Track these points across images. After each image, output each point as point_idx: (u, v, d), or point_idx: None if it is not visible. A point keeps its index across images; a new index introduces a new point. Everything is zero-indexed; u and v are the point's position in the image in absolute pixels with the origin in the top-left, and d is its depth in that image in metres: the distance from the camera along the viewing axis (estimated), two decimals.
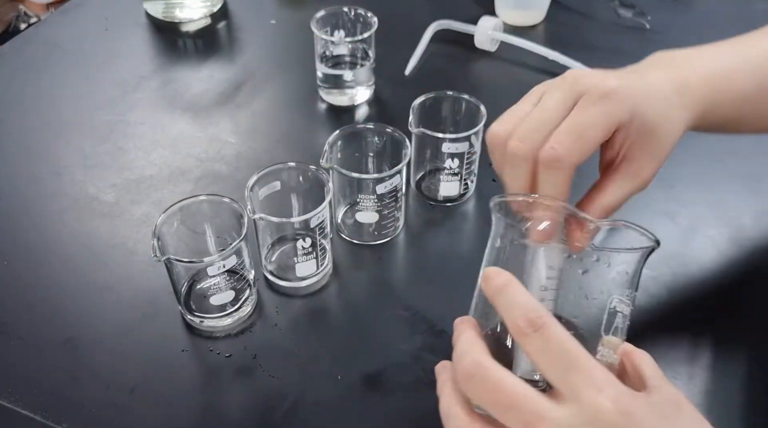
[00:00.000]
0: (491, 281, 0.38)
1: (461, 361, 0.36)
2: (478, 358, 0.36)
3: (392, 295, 0.60)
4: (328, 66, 0.77)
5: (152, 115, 0.78)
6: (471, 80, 0.84)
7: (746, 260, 0.63)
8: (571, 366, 0.33)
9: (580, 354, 0.34)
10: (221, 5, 0.94)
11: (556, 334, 0.34)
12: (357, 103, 0.79)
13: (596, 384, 0.33)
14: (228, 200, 0.57)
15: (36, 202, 0.68)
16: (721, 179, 0.70)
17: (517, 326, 0.35)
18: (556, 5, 0.93)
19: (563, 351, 0.34)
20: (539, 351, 0.34)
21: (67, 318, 0.58)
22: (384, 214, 0.62)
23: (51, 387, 0.54)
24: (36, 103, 0.80)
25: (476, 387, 0.35)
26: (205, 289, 0.56)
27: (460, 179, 0.66)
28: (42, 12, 2.04)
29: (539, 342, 0.34)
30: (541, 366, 0.34)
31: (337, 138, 0.62)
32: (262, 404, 0.53)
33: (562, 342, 0.34)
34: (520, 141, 0.44)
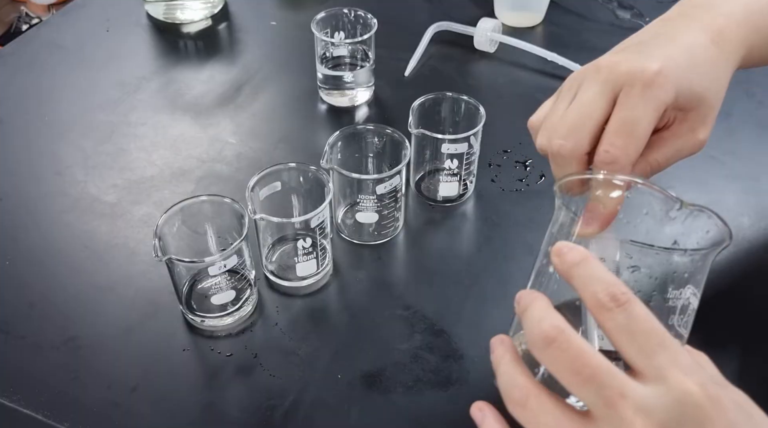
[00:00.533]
0: (565, 255, 0.35)
1: (540, 325, 0.33)
2: (559, 323, 0.33)
3: (392, 295, 0.60)
4: (328, 67, 0.78)
5: (153, 115, 0.78)
6: (470, 81, 0.84)
7: (745, 260, 0.63)
8: (658, 345, 0.31)
9: (666, 335, 0.32)
10: (222, 7, 0.94)
11: (643, 311, 0.32)
12: (357, 104, 0.79)
13: (683, 367, 0.31)
14: (229, 200, 0.57)
15: (37, 202, 0.69)
16: (720, 179, 0.70)
17: (598, 300, 0.33)
18: (555, 7, 0.93)
19: (649, 330, 0.32)
20: (622, 328, 0.32)
21: (68, 318, 0.59)
22: (384, 214, 0.63)
23: (52, 386, 0.54)
24: (37, 104, 0.80)
25: (555, 354, 0.32)
26: (206, 289, 0.57)
27: (459, 179, 0.66)
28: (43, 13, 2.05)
29: (623, 317, 0.32)
30: (623, 343, 0.32)
31: (337, 139, 0.62)
32: (263, 403, 0.53)
33: (648, 321, 0.32)
34: (563, 139, 0.43)
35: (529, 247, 0.64)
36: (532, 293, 0.37)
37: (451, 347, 0.56)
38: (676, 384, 0.30)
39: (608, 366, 0.31)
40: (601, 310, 0.33)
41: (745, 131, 0.76)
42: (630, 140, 0.41)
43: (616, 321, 0.32)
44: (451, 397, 0.53)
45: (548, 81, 0.82)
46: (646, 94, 0.41)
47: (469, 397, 0.53)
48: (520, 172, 0.71)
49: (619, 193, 0.40)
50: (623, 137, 0.41)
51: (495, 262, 0.63)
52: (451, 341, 0.57)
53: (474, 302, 0.60)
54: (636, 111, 0.41)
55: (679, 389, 0.30)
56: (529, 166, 0.72)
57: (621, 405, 0.30)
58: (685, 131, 0.45)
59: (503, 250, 0.64)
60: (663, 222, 0.39)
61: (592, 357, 0.32)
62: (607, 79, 0.43)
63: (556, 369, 0.33)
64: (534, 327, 0.34)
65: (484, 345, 0.56)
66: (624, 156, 0.41)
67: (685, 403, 0.30)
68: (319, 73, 0.78)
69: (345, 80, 0.77)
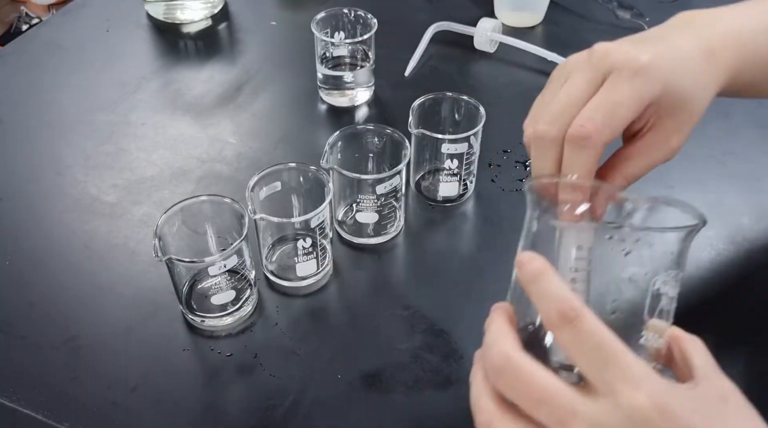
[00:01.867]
0: (524, 267, 0.35)
1: (489, 352, 0.35)
2: (507, 350, 0.34)
3: (392, 295, 0.60)
4: (329, 67, 0.78)
5: (153, 116, 0.78)
6: (470, 81, 0.84)
7: (745, 260, 0.63)
8: (606, 360, 0.31)
9: (615, 348, 0.32)
10: (222, 7, 0.94)
11: (590, 326, 0.32)
12: (357, 104, 0.79)
13: (632, 379, 0.31)
14: (229, 200, 0.57)
15: (37, 202, 0.69)
16: (720, 180, 0.70)
17: (549, 317, 0.33)
18: (555, 7, 0.93)
19: (597, 345, 0.32)
20: (572, 344, 0.33)
21: (68, 318, 0.59)
22: (384, 214, 0.63)
23: (52, 386, 0.54)
24: (37, 104, 0.80)
25: (505, 381, 0.34)
26: (206, 289, 0.57)
27: (459, 179, 0.66)
28: (43, 13, 2.05)
29: (572, 334, 0.32)
30: (575, 359, 0.33)
31: (337, 139, 0.63)
32: (263, 403, 0.53)
33: (596, 335, 0.32)
34: (548, 124, 0.43)
35: None
36: (494, 312, 0.38)
37: (451, 347, 0.56)
38: (624, 399, 0.31)
39: (557, 387, 0.32)
40: (553, 327, 0.33)
41: (745, 131, 0.76)
42: (607, 119, 0.41)
43: (566, 338, 0.33)
44: (451, 397, 0.53)
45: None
46: (633, 81, 0.41)
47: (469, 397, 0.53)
48: (520, 172, 0.71)
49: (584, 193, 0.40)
50: (601, 114, 0.41)
51: (495, 262, 0.63)
52: (451, 341, 0.57)
53: (474, 302, 0.60)
54: (619, 95, 0.41)
55: (627, 404, 0.31)
56: (529, 166, 0.72)
57: (572, 424, 0.31)
58: (659, 140, 0.45)
59: (503, 250, 0.64)
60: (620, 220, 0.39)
61: (541, 379, 0.32)
62: (598, 65, 0.42)
63: (510, 395, 0.34)
64: (485, 354, 0.35)
65: None
66: (597, 134, 0.41)
67: (633, 418, 0.30)
68: (319, 73, 0.78)
69: (345, 80, 0.77)
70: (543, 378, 0.33)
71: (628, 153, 0.45)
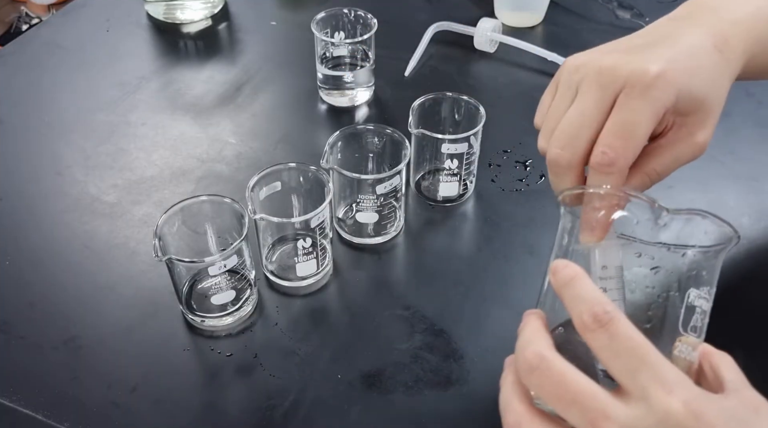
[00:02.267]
0: (558, 273, 0.36)
1: (523, 352, 0.35)
2: (541, 350, 0.34)
3: (392, 295, 0.60)
4: (329, 67, 0.78)
5: (153, 116, 0.78)
6: (470, 81, 0.84)
7: (745, 260, 0.63)
8: (640, 363, 0.31)
9: (649, 352, 0.32)
10: (222, 7, 0.94)
11: (624, 330, 0.32)
12: (357, 104, 0.79)
13: (666, 383, 0.31)
14: (229, 200, 0.57)
15: (37, 202, 0.69)
16: (720, 179, 0.70)
17: (582, 321, 0.33)
18: (555, 7, 0.93)
19: (631, 348, 0.32)
20: (605, 348, 0.32)
21: (68, 318, 0.59)
22: (384, 214, 0.63)
23: (52, 386, 0.54)
24: (37, 104, 0.80)
25: (538, 380, 0.34)
26: (206, 289, 0.57)
27: (459, 179, 0.66)
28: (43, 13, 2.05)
29: (605, 338, 0.32)
30: (608, 363, 0.33)
31: (337, 139, 0.63)
32: (263, 403, 0.53)
33: (630, 339, 0.32)
34: (561, 149, 0.42)
35: (529, 247, 0.64)
36: (528, 316, 0.38)
37: (451, 347, 0.56)
38: (658, 403, 0.31)
39: (590, 389, 0.32)
40: (586, 331, 0.33)
41: (745, 131, 0.76)
42: (628, 142, 0.41)
43: (599, 342, 0.33)
44: (451, 397, 0.53)
45: (548, 81, 0.81)
46: (645, 95, 0.41)
47: (469, 397, 0.53)
48: (520, 172, 0.71)
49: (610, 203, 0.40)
50: (621, 139, 0.41)
51: (495, 262, 0.63)
52: (451, 341, 0.57)
53: (474, 302, 0.60)
54: (635, 114, 0.41)
55: (661, 408, 0.30)
56: (529, 166, 0.72)
57: (604, 426, 0.31)
58: (683, 136, 0.44)
59: (503, 250, 0.64)
60: (655, 231, 0.39)
61: (574, 380, 0.32)
62: (608, 84, 0.42)
63: (542, 395, 0.34)
64: (519, 354, 0.35)
65: (484, 345, 0.57)
66: (622, 158, 0.41)
67: (667, 423, 0.30)
68: (319, 73, 0.78)
69: (345, 80, 0.77)
70: (576, 379, 0.32)
71: (650, 150, 0.44)
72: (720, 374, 0.36)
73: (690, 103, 0.43)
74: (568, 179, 0.43)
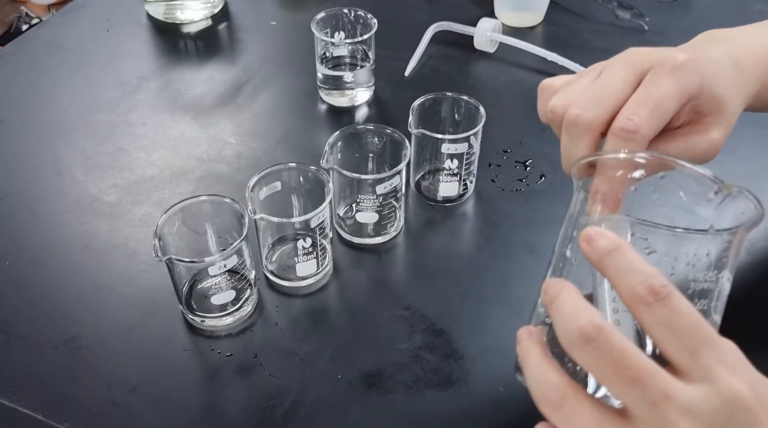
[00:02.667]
0: (597, 242, 0.32)
1: (576, 321, 0.31)
2: (599, 321, 0.30)
3: (392, 295, 0.60)
4: (328, 67, 0.78)
5: (153, 116, 0.78)
6: (470, 81, 0.84)
7: (745, 261, 0.63)
8: (704, 342, 0.29)
9: (711, 331, 0.30)
10: (222, 7, 0.94)
11: (685, 306, 0.30)
12: (357, 104, 0.79)
13: (731, 365, 0.29)
14: (229, 200, 0.57)
15: (37, 202, 0.69)
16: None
17: (635, 293, 0.30)
18: (555, 7, 0.93)
19: (693, 326, 0.30)
20: (663, 324, 0.30)
21: (68, 318, 0.59)
22: (384, 214, 0.63)
23: (52, 386, 0.54)
24: (37, 104, 0.80)
25: (594, 354, 0.30)
26: (206, 289, 0.57)
27: (459, 179, 0.66)
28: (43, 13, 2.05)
29: (664, 313, 0.30)
30: (665, 340, 0.30)
31: (337, 139, 0.63)
32: (263, 403, 0.53)
33: (692, 315, 0.30)
34: (583, 109, 0.41)
35: (529, 247, 0.64)
36: (560, 282, 0.33)
37: (451, 347, 0.56)
38: (725, 385, 0.29)
39: (652, 367, 0.29)
40: (639, 304, 0.30)
41: (745, 131, 0.76)
42: (654, 113, 0.40)
43: (656, 317, 0.30)
44: (451, 397, 0.53)
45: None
46: (674, 75, 0.41)
47: (469, 397, 0.53)
48: (520, 172, 0.71)
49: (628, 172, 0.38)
50: (647, 109, 0.40)
51: (495, 262, 0.63)
52: (451, 341, 0.57)
53: (474, 302, 0.60)
54: (663, 88, 0.41)
55: (728, 390, 0.29)
56: (529, 166, 0.72)
57: (665, 407, 0.29)
58: (700, 130, 0.44)
59: (503, 250, 0.64)
60: (699, 204, 0.37)
61: (635, 356, 0.30)
62: (636, 62, 0.42)
63: (595, 369, 0.30)
64: (568, 322, 0.31)
65: (484, 345, 0.57)
66: (645, 127, 0.39)
67: (734, 406, 0.29)
68: (319, 73, 0.78)
69: (345, 80, 0.77)
70: (638, 356, 0.29)
71: (665, 135, 0.44)
72: None
73: (710, 101, 0.43)
74: (584, 143, 0.42)
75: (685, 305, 0.30)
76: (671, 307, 0.30)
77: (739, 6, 0.94)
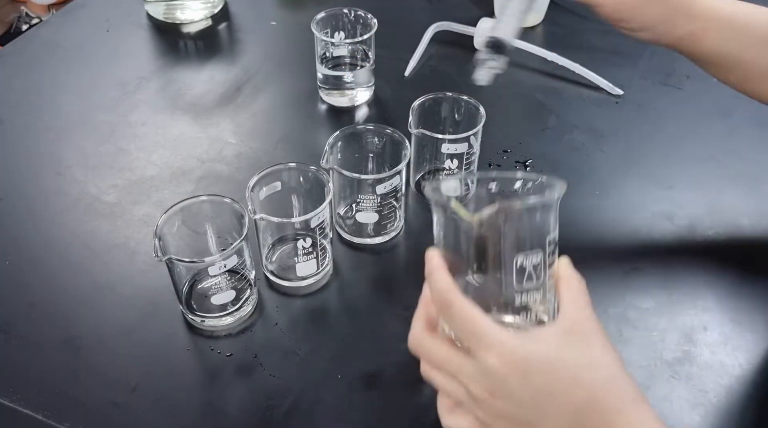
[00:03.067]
0: (427, 264, 0.44)
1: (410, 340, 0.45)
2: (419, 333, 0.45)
3: (392, 295, 0.60)
4: (329, 67, 0.78)
5: (153, 116, 0.78)
6: (470, 81, 0.83)
7: (744, 261, 0.63)
8: (470, 333, 0.40)
9: (476, 322, 0.40)
10: (222, 7, 0.94)
11: (459, 309, 0.41)
12: (357, 104, 0.79)
13: (488, 344, 0.39)
14: (229, 200, 0.57)
15: (38, 202, 0.69)
16: (719, 180, 0.70)
17: (436, 306, 0.43)
18: (555, 7, 0.93)
19: (463, 322, 0.40)
20: (450, 323, 0.42)
21: (68, 318, 0.59)
22: (384, 214, 0.63)
23: (53, 386, 0.54)
24: (37, 104, 0.80)
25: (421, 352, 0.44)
26: (206, 289, 0.57)
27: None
28: (43, 13, 2.05)
29: (448, 317, 0.42)
30: (455, 333, 0.42)
31: (337, 139, 0.63)
32: (263, 402, 0.53)
33: (461, 315, 0.40)
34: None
35: None
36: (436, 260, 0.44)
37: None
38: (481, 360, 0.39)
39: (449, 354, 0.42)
40: (438, 312, 0.43)
41: (745, 131, 0.76)
42: None
43: (446, 320, 0.43)
44: None
45: (548, 81, 0.82)
46: None
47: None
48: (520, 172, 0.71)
49: None
50: None
51: None
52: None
53: None
54: None
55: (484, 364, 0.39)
56: (529, 166, 0.72)
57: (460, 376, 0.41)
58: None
59: None
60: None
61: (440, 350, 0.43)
62: None
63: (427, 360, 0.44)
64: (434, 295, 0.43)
65: None
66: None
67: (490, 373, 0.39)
68: (319, 73, 0.78)
69: (345, 80, 0.77)
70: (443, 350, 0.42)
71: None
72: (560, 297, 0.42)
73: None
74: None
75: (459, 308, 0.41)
76: (450, 313, 0.41)
77: None
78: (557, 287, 0.43)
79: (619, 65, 0.83)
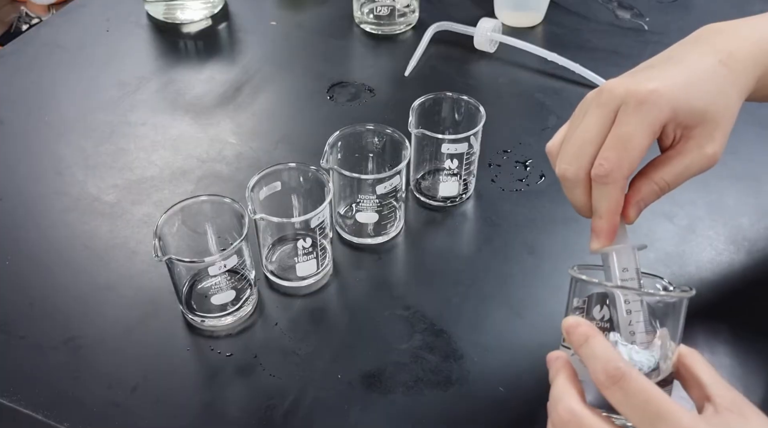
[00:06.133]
0: (572, 334, 0.39)
1: (556, 407, 0.38)
2: (572, 406, 0.37)
3: (392, 295, 0.60)
4: None
5: (153, 116, 0.78)
6: (470, 81, 0.84)
7: (744, 261, 0.63)
8: (656, 416, 0.34)
9: (662, 402, 0.34)
10: (222, 7, 0.94)
11: (637, 384, 0.35)
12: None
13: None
14: (229, 200, 0.57)
15: (38, 202, 0.69)
16: (720, 180, 0.70)
17: (598, 379, 0.36)
18: (555, 7, 0.93)
19: (645, 402, 0.34)
20: (621, 403, 0.35)
21: (68, 318, 0.59)
22: (384, 214, 0.63)
23: (53, 386, 0.54)
24: (37, 104, 0.80)
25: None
26: (206, 289, 0.57)
27: (459, 179, 0.66)
28: (43, 13, 2.05)
29: (620, 394, 0.35)
30: (627, 416, 0.35)
31: (338, 139, 0.63)
32: (263, 403, 0.53)
33: (643, 392, 0.35)
34: (567, 164, 0.45)
35: (529, 247, 0.64)
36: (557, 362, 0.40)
37: (451, 347, 0.56)
38: None
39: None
40: (603, 388, 0.36)
41: (745, 131, 0.76)
42: (623, 153, 0.43)
43: (616, 397, 0.36)
44: (451, 397, 0.53)
45: (548, 81, 0.82)
46: (639, 110, 0.43)
47: (469, 397, 0.53)
48: (520, 172, 0.71)
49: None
50: (616, 151, 0.43)
51: (495, 262, 0.63)
52: (451, 341, 0.57)
53: (474, 302, 0.60)
54: (629, 127, 0.43)
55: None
56: (529, 166, 0.72)
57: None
58: (692, 148, 0.45)
59: (503, 250, 0.64)
60: None
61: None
62: (606, 103, 0.44)
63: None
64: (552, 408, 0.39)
65: (484, 344, 0.56)
66: (617, 169, 0.43)
67: None
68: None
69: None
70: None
71: (659, 161, 0.47)
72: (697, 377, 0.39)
73: (690, 115, 0.44)
74: (578, 192, 0.46)
75: (638, 383, 0.35)
76: (625, 388, 0.35)
77: (739, 5, 0.94)
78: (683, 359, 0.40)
79: (619, 65, 0.83)
